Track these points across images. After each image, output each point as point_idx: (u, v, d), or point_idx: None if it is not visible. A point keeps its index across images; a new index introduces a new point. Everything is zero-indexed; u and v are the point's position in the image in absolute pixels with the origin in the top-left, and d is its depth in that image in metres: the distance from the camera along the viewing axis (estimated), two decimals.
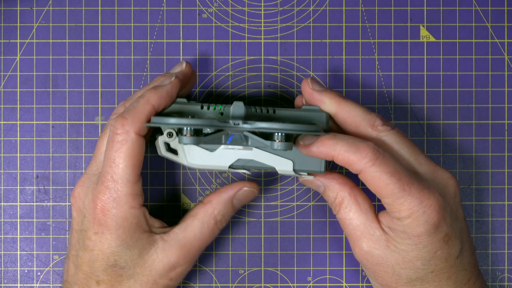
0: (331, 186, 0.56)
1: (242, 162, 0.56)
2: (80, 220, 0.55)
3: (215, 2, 0.62)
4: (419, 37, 0.62)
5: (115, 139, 0.53)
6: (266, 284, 0.62)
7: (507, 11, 0.62)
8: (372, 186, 0.53)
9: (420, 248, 0.53)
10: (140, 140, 0.54)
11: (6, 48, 0.62)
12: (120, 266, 0.55)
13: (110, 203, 0.54)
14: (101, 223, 0.54)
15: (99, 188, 0.54)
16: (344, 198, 0.55)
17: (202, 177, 0.62)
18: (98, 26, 0.62)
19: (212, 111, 0.56)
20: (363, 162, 0.52)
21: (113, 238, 0.54)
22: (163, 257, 0.55)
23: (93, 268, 0.55)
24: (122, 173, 0.53)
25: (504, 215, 0.62)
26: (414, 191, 0.52)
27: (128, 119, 0.53)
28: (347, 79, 0.62)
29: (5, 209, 0.62)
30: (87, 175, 0.56)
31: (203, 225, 0.56)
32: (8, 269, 0.62)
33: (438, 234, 0.53)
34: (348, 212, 0.55)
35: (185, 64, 0.58)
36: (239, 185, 0.58)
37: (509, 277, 0.62)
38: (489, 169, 0.62)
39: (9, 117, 0.62)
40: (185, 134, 0.54)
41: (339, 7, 0.62)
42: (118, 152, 0.53)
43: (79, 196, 0.56)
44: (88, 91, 0.62)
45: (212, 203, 0.57)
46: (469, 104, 0.62)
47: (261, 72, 0.62)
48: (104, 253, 0.54)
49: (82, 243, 0.55)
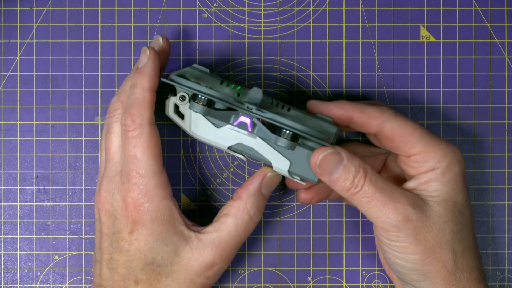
0: (352, 159, 0.54)
1: (242, 147, 0.56)
2: (111, 223, 0.55)
3: (215, 2, 0.62)
4: (419, 37, 0.62)
5: (130, 136, 0.53)
6: (266, 284, 0.62)
7: (507, 11, 0.62)
8: (399, 136, 0.54)
9: (457, 192, 0.54)
10: (154, 129, 0.54)
11: (6, 48, 0.62)
12: (157, 263, 0.54)
13: (141, 198, 0.54)
14: (135, 220, 0.54)
15: (127, 186, 0.54)
16: (367, 169, 0.54)
17: (202, 177, 0.62)
18: (98, 26, 0.62)
19: (230, 89, 0.56)
20: (386, 115, 0.54)
21: (149, 233, 0.54)
22: (198, 256, 0.55)
23: (130, 268, 0.55)
24: (147, 166, 0.53)
25: (504, 215, 0.62)
26: (440, 138, 0.55)
27: (135, 113, 0.53)
28: (347, 79, 0.62)
29: (5, 209, 0.62)
30: (108, 178, 0.55)
31: (237, 222, 0.56)
32: (8, 269, 0.62)
33: (465, 182, 0.55)
34: (376, 181, 0.53)
35: (161, 40, 0.58)
36: (261, 173, 0.57)
37: (509, 277, 0.62)
38: (489, 169, 0.62)
39: (9, 117, 0.62)
40: (197, 102, 0.54)
41: (339, 7, 0.62)
42: (137, 147, 0.53)
43: (106, 200, 0.55)
44: (88, 91, 0.62)
45: (242, 198, 0.56)
46: (469, 104, 0.62)
47: (261, 72, 0.62)
48: (141, 251, 0.54)
49: (116, 246, 0.55)
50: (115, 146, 0.56)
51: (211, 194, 0.62)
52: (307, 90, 0.62)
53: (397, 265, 0.54)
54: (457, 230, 0.54)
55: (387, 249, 0.54)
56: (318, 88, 0.62)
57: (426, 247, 0.53)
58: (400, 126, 0.55)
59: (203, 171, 0.62)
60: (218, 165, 0.62)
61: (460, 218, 0.54)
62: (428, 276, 0.53)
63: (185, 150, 0.62)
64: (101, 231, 0.56)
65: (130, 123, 0.53)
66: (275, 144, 0.55)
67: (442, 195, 0.54)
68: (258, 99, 0.55)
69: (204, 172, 0.62)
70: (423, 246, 0.53)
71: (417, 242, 0.53)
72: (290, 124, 0.53)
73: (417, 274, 0.54)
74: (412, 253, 0.53)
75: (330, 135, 0.55)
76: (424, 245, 0.53)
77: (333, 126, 0.55)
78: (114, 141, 0.56)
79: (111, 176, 0.55)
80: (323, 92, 0.62)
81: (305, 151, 0.56)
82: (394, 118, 0.55)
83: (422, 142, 0.54)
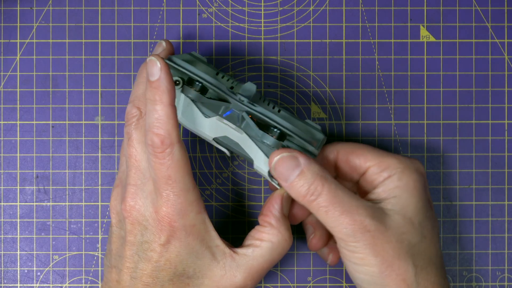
0: (311, 165, 0.53)
1: (227, 140, 0.56)
2: (139, 232, 0.54)
3: (215, 2, 0.62)
4: (419, 37, 0.62)
5: (161, 157, 0.52)
6: (266, 284, 0.62)
7: (507, 11, 0.62)
8: (351, 154, 0.56)
9: (418, 200, 0.54)
10: (183, 146, 0.53)
11: (6, 48, 0.62)
12: (187, 275, 0.54)
13: (176, 215, 0.53)
14: (169, 234, 0.53)
15: (161, 202, 0.53)
16: (326, 177, 0.53)
17: (202, 177, 0.62)
18: (98, 26, 0.62)
19: (224, 81, 0.56)
20: (336, 145, 0.57)
21: (182, 246, 0.53)
22: (231, 276, 0.54)
23: (157, 278, 0.54)
24: (181, 185, 0.52)
25: (504, 215, 0.62)
26: (395, 154, 0.56)
27: (163, 134, 0.52)
28: (347, 79, 0.62)
29: (5, 209, 0.62)
30: (136, 187, 0.54)
31: (273, 246, 0.55)
32: (8, 269, 0.62)
33: (427, 192, 0.55)
34: (335, 190, 0.53)
35: (165, 43, 0.58)
36: (278, 196, 0.56)
37: (509, 277, 0.62)
38: (489, 169, 0.62)
39: (9, 117, 0.62)
40: (191, 87, 0.54)
41: (339, 7, 0.62)
42: (170, 168, 0.52)
43: (134, 209, 0.54)
44: (88, 91, 0.62)
45: (273, 224, 0.55)
46: (469, 104, 0.62)
47: (261, 72, 0.62)
48: (172, 262, 0.53)
49: (143, 255, 0.54)
50: (139, 153, 0.54)
51: (211, 194, 0.62)
52: (307, 90, 0.62)
53: (357, 279, 0.53)
54: (416, 242, 0.53)
55: (347, 262, 0.53)
56: (318, 88, 0.62)
57: (385, 259, 0.52)
58: (351, 146, 0.57)
59: (203, 171, 0.62)
60: (218, 165, 0.62)
61: (419, 229, 0.53)
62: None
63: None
64: (125, 239, 0.54)
65: (159, 144, 0.52)
66: (261, 142, 0.55)
67: (401, 202, 0.54)
68: (251, 92, 0.55)
69: (204, 172, 0.62)
70: (381, 258, 0.52)
71: (375, 253, 0.52)
72: (278, 121, 0.53)
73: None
74: (370, 265, 0.52)
75: (317, 141, 0.55)
76: (383, 256, 0.52)
77: (320, 135, 0.56)
78: (138, 148, 0.54)
79: (139, 184, 0.54)
80: (323, 92, 0.62)
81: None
82: (343, 143, 0.57)
83: (375, 154, 0.56)
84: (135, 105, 0.55)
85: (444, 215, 0.62)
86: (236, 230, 0.62)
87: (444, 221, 0.62)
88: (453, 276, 0.62)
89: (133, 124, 0.55)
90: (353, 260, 0.53)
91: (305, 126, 0.56)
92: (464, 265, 0.62)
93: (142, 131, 0.55)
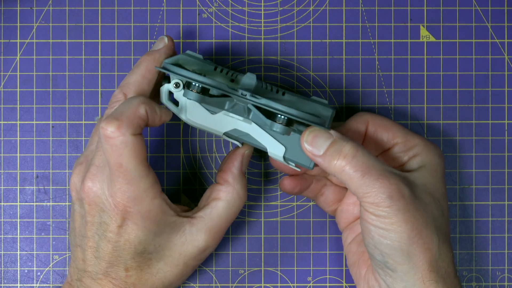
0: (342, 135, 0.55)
1: (237, 133, 0.56)
2: (97, 213, 0.54)
3: (215, 2, 0.62)
4: (419, 37, 0.62)
5: (111, 143, 0.52)
6: (266, 284, 0.62)
7: (507, 11, 0.62)
8: (381, 127, 0.58)
9: (438, 182, 0.55)
10: (138, 138, 0.53)
11: (6, 48, 0.62)
12: (148, 251, 0.55)
13: (131, 202, 0.53)
14: (125, 217, 0.53)
15: (115, 189, 0.53)
16: (357, 144, 0.54)
17: (202, 177, 0.62)
18: (98, 26, 0.62)
19: (224, 75, 0.56)
20: (367, 114, 0.59)
21: (139, 229, 0.54)
22: (192, 241, 0.55)
23: (119, 257, 0.54)
24: (133, 174, 0.53)
25: (504, 215, 0.62)
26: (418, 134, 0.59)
27: (120, 120, 0.52)
28: (347, 79, 0.62)
29: (5, 209, 0.62)
30: (97, 168, 0.54)
31: (228, 205, 0.56)
32: (8, 269, 0.62)
33: (443, 178, 0.57)
34: (368, 155, 0.54)
35: (166, 39, 0.58)
36: (239, 154, 0.58)
37: (509, 277, 0.62)
38: (489, 169, 0.62)
39: (9, 117, 0.62)
40: (191, 89, 0.54)
41: (339, 7, 0.62)
42: (122, 156, 0.52)
43: (91, 191, 0.54)
44: (88, 91, 0.62)
45: (229, 181, 0.57)
46: (469, 104, 0.62)
47: (261, 72, 0.62)
48: (131, 242, 0.54)
49: (102, 235, 0.54)
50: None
51: None
52: (307, 90, 0.62)
53: (381, 245, 0.53)
54: (437, 216, 0.54)
55: (373, 227, 0.53)
56: (318, 88, 0.62)
57: (414, 226, 0.52)
58: (382, 120, 0.58)
59: (203, 171, 0.62)
60: (218, 165, 0.62)
61: (439, 205, 0.55)
62: (412, 257, 0.53)
63: (185, 150, 0.62)
64: (84, 218, 0.55)
65: (114, 129, 0.52)
66: (270, 129, 0.55)
67: (424, 180, 0.55)
68: (252, 85, 0.55)
69: (204, 172, 0.62)
70: (411, 224, 0.52)
71: (406, 220, 0.52)
72: (284, 109, 0.53)
73: (400, 255, 0.53)
74: (400, 230, 0.52)
75: (326, 118, 0.55)
76: (413, 223, 0.52)
77: (328, 109, 0.55)
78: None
79: (101, 166, 0.54)
80: (323, 92, 0.62)
81: (299, 137, 0.56)
82: (373, 115, 0.58)
83: (403, 131, 0.58)
84: (122, 91, 0.56)
85: None
86: (236, 229, 0.62)
87: None
88: None
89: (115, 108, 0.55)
90: (382, 226, 0.53)
91: (311, 105, 0.55)
92: (464, 265, 0.62)
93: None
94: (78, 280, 0.55)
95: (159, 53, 0.56)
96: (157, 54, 0.56)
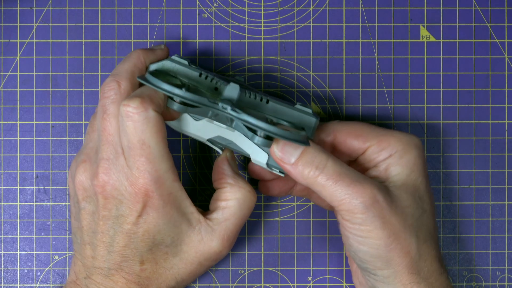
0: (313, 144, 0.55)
1: (221, 140, 0.56)
2: (114, 206, 0.54)
3: (215, 2, 0.62)
4: (419, 37, 0.62)
5: (136, 120, 0.52)
6: (266, 284, 0.62)
7: (507, 11, 0.62)
8: (349, 135, 0.56)
9: (417, 176, 0.54)
10: (159, 114, 0.53)
11: (6, 48, 0.62)
12: (165, 244, 0.54)
13: (153, 185, 0.53)
14: (146, 205, 0.53)
15: (136, 173, 0.53)
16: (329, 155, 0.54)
17: (202, 177, 0.62)
18: (98, 26, 0.62)
19: (208, 82, 0.55)
20: (332, 124, 0.58)
21: (160, 216, 0.53)
22: (208, 241, 0.55)
23: (136, 249, 0.54)
24: (155, 152, 0.52)
25: (504, 215, 0.62)
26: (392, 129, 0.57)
27: (144, 97, 0.52)
28: (347, 79, 0.62)
29: (5, 209, 0.62)
30: (109, 161, 0.54)
31: (239, 202, 0.56)
32: (8, 269, 0.62)
33: (425, 167, 0.56)
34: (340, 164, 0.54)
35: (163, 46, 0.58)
36: (223, 158, 0.58)
37: (509, 277, 0.62)
38: (489, 169, 0.62)
39: (9, 117, 0.62)
40: (174, 100, 0.54)
41: (339, 7, 0.62)
42: (145, 132, 0.52)
43: (108, 184, 0.54)
44: (88, 91, 0.62)
45: (230, 183, 0.56)
46: (469, 104, 0.62)
47: (261, 72, 0.62)
48: (150, 232, 0.54)
49: (119, 229, 0.54)
50: (114, 128, 0.54)
51: (211, 194, 0.62)
52: (307, 90, 0.62)
53: (360, 252, 0.53)
54: (418, 216, 0.54)
55: (350, 235, 0.53)
56: (318, 88, 0.62)
57: (391, 232, 0.52)
58: (350, 127, 0.57)
59: (203, 171, 0.62)
60: None
61: (420, 204, 0.54)
62: (391, 263, 0.53)
63: (185, 150, 0.62)
64: (97, 214, 0.54)
65: (137, 104, 0.52)
66: (252, 141, 0.55)
67: (403, 178, 0.54)
68: (234, 96, 0.54)
69: (204, 172, 0.62)
70: (388, 231, 0.52)
71: (383, 226, 0.52)
72: (263, 126, 0.52)
73: (380, 261, 0.53)
74: (377, 237, 0.52)
75: (309, 128, 0.55)
76: (390, 229, 0.52)
77: (312, 118, 0.55)
78: (113, 123, 0.54)
79: (112, 159, 0.54)
80: (323, 92, 0.62)
81: None
82: (339, 123, 0.57)
83: (373, 133, 0.56)
84: (115, 79, 0.55)
85: (444, 215, 0.62)
86: None
87: (444, 221, 0.62)
88: (453, 276, 0.62)
89: (111, 97, 0.54)
90: (358, 233, 0.53)
91: (295, 113, 0.55)
92: (464, 265, 0.62)
93: (119, 106, 0.54)
94: (86, 278, 0.55)
95: (152, 50, 0.57)
96: (150, 51, 0.56)
